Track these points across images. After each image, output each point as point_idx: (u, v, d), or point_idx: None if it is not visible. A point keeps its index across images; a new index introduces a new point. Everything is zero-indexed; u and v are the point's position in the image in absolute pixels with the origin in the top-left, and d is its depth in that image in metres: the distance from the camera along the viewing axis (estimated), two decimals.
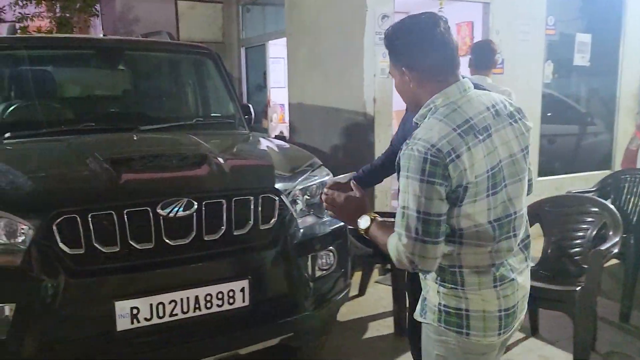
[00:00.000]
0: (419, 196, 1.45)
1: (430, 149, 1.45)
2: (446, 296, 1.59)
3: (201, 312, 2.23)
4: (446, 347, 1.62)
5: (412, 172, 1.47)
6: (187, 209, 2.22)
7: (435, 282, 1.60)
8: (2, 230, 2.07)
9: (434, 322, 1.61)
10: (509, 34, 5.16)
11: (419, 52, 1.56)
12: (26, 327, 2.02)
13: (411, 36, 1.56)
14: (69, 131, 3.02)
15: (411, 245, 1.46)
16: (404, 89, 1.64)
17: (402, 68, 1.59)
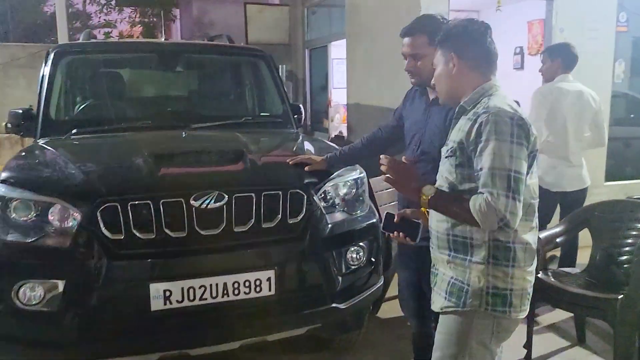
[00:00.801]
0: (510, 156, 1.64)
1: (514, 115, 1.69)
2: (495, 277, 1.73)
3: (229, 298, 2.37)
4: (485, 329, 1.75)
5: (501, 134, 1.65)
6: (218, 202, 2.38)
7: (485, 262, 1.73)
8: (55, 215, 2.32)
9: (480, 307, 1.74)
10: (574, 32, 4.95)
11: (473, 46, 1.82)
12: (73, 302, 2.25)
13: (468, 32, 1.82)
14: (128, 128, 3.30)
15: (504, 203, 1.61)
16: (445, 76, 1.87)
17: (452, 54, 1.82)
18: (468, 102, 1.82)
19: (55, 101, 3.45)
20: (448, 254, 1.83)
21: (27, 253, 2.29)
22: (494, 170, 1.63)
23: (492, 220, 1.63)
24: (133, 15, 10.25)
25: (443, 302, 1.83)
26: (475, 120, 1.72)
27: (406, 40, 2.32)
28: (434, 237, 1.90)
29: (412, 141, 2.44)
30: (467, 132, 1.74)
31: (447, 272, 1.84)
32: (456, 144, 1.78)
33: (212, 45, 4.13)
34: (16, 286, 2.23)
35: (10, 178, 2.45)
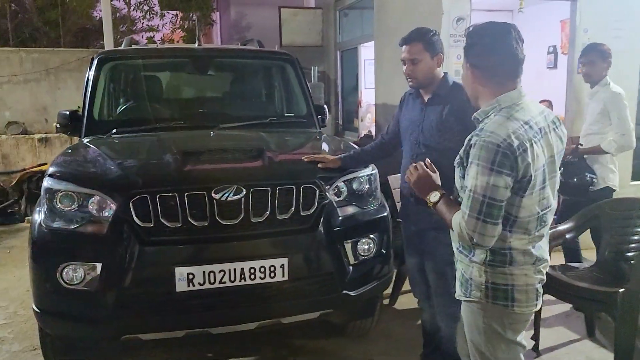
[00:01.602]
0: (487, 183, 1.70)
1: (502, 143, 1.69)
2: (493, 274, 1.85)
3: (246, 282, 2.60)
4: (494, 320, 1.89)
5: (483, 161, 1.71)
6: (237, 194, 2.62)
7: (482, 264, 1.86)
8: (94, 205, 2.62)
9: (481, 299, 1.87)
10: (599, 32, 4.97)
11: (486, 56, 1.83)
12: (109, 282, 2.53)
13: (483, 40, 1.83)
14: (163, 128, 3.60)
15: (473, 224, 1.74)
16: (467, 83, 1.93)
17: (467, 65, 1.88)
18: (481, 114, 1.87)
19: (98, 103, 3.79)
20: (457, 249, 2.01)
21: (70, 238, 2.60)
22: (471, 193, 1.74)
23: (465, 237, 1.77)
24: (174, 20, 10.72)
25: (458, 291, 2.01)
26: (470, 139, 1.80)
27: (405, 47, 2.65)
28: (452, 232, 2.02)
29: (410, 137, 2.74)
30: (463, 149, 1.84)
31: (459, 264, 2.02)
32: (459, 158, 1.89)
33: (241, 49, 4.40)
34: (60, 267, 2.54)
35: (56, 172, 2.77)
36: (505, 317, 1.88)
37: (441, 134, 2.60)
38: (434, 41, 2.62)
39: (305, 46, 8.21)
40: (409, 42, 2.63)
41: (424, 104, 2.70)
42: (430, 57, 2.62)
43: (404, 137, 2.81)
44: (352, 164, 2.97)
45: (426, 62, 2.61)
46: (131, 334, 2.60)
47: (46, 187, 2.70)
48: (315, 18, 8.29)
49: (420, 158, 2.50)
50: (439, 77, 2.68)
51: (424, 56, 2.60)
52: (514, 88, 1.83)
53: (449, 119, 2.60)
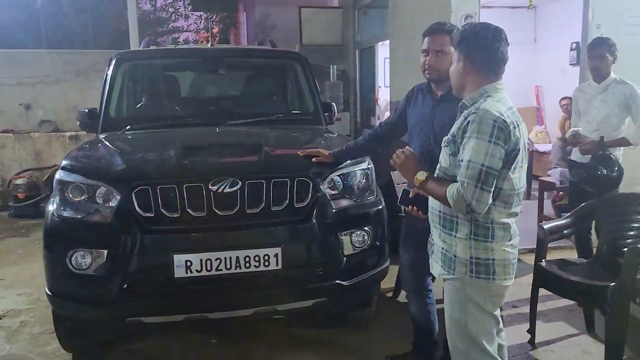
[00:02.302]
0: (486, 153, 1.90)
1: (498, 119, 1.92)
2: (477, 250, 2.03)
3: (241, 270, 2.74)
4: (477, 293, 2.06)
5: (482, 134, 1.92)
6: (233, 187, 2.77)
7: (467, 238, 2.03)
8: (101, 196, 2.81)
9: (466, 274, 2.04)
10: (612, 28, 4.91)
11: (481, 51, 2.05)
12: (114, 268, 2.71)
13: (479, 38, 2.05)
14: (173, 125, 3.79)
15: (472, 191, 1.91)
16: (454, 73, 2.14)
17: (462, 56, 2.07)
18: (469, 100, 2.08)
19: (114, 101, 4.01)
20: (439, 228, 2.15)
21: (78, 226, 2.79)
22: (470, 163, 1.92)
23: (461, 205, 1.94)
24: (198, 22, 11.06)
25: (440, 270, 2.16)
26: (466, 117, 2.00)
27: (431, 38, 2.64)
28: (431, 212, 2.23)
29: (420, 134, 2.76)
30: (459, 127, 2.04)
31: (439, 243, 2.17)
32: (451, 136, 2.08)
33: (251, 49, 4.58)
34: (70, 253, 2.73)
35: (68, 165, 2.97)
36: (486, 290, 2.06)
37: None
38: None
39: (325, 45, 8.33)
40: (435, 32, 2.62)
41: (436, 101, 2.70)
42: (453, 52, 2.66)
43: (413, 132, 2.81)
44: (345, 157, 3.07)
45: (451, 56, 2.50)
46: (134, 316, 2.79)
47: (58, 179, 2.91)
48: (335, 17, 8.40)
49: (431, 155, 2.61)
50: None
51: (450, 49, 2.53)
52: (497, 80, 2.08)
53: None
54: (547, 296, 3.59)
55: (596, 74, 3.95)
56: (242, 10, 13.87)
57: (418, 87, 2.88)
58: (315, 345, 3.40)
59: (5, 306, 4.10)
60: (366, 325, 3.56)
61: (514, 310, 3.76)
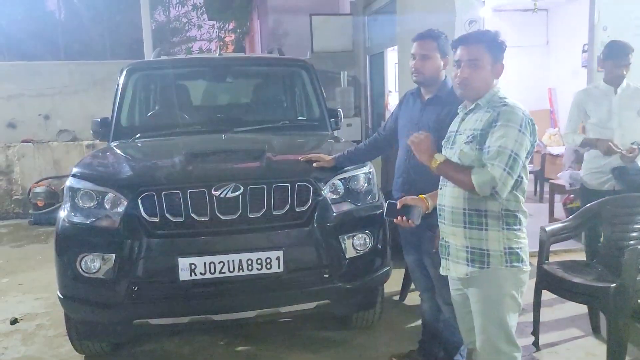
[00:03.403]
0: (515, 140, 2.03)
1: (524, 112, 2.09)
2: (509, 239, 2.12)
3: (243, 273, 2.81)
4: (511, 283, 2.14)
5: (513, 123, 2.05)
6: (235, 192, 2.85)
7: (501, 229, 2.12)
8: (109, 202, 2.91)
9: (501, 265, 2.13)
10: (618, 30, 4.90)
11: (501, 55, 2.22)
12: (121, 271, 2.80)
13: (501, 42, 2.21)
14: (181, 132, 3.89)
15: (499, 173, 2.01)
16: (485, 77, 2.20)
17: (501, 64, 2.21)
18: (483, 101, 2.20)
19: (125, 110, 4.13)
20: (463, 227, 2.19)
21: (88, 231, 2.89)
22: (500, 148, 2.02)
23: (486, 187, 2.03)
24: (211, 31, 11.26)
25: (467, 269, 2.20)
26: (497, 111, 2.10)
27: (418, 43, 2.77)
28: (447, 212, 2.26)
29: (407, 134, 2.79)
30: (487, 120, 2.11)
31: (459, 242, 2.21)
32: (477, 131, 2.14)
33: (257, 57, 4.68)
34: (79, 257, 2.84)
35: (78, 173, 3.09)
36: (518, 280, 2.15)
37: (436, 133, 2.72)
38: (445, 43, 2.76)
39: (335, 51, 8.42)
40: (422, 38, 2.75)
41: (424, 104, 2.82)
42: (439, 57, 2.75)
43: (401, 134, 2.92)
44: (346, 162, 3.13)
45: (436, 60, 2.73)
46: (141, 318, 2.87)
47: (68, 186, 3.02)
48: (345, 24, 8.48)
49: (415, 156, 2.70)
50: (442, 78, 2.81)
51: (435, 54, 2.72)
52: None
53: (445, 121, 2.72)
54: (553, 298, 3.59)
55: (618, 81, 3.77)
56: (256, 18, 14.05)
57: (410, 91, 2.99)
58: (321, 346, 3.45)
59: (23, 310, 4.24)
60: (372, 327, 3.61)
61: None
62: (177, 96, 4.34)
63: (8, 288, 4.80)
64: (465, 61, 2.19)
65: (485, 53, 2.18)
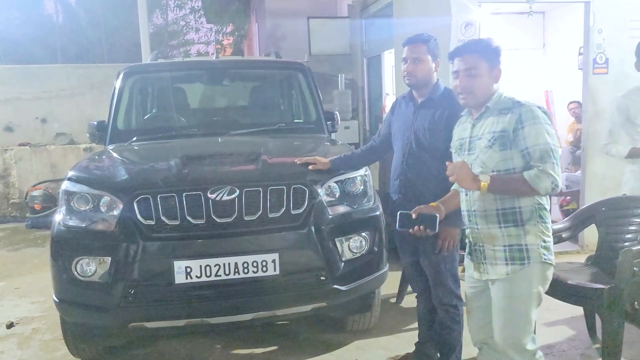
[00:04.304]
0: (547, 134, 2.09)
1: (540, 106, 2.16)
2: (543, 234, 2.18)
3: (239, 276, 2.82)
4: (540, 277, 2.19)
5: (538, 119, 2.10)
6: (231, 195, 2.85)
7: (536, 223, 2.16)
8: (105, 205, 2.91)
9: (540, 259, 2.16)
10: (614, 32, 4.94)
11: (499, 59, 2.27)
12: (117, 275, 2.80)
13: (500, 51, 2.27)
14: (178, 136, 3.90)
15: (552, 166, 2.07)
16: (485, 83, 2.24)
17: (499, 69, 2.25)
18: (492, 103, 2.24)
19: (122, 114, 4.14)
20: (499, 227, 2.21)
21: (83, 235, 2.89)
22: (541, 146, 2.07)
23: (547, 184, 2.07)
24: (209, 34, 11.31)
25: (506, 269, 2.21)
26: (511, 112, 2.15)
27: (409, 47, 2.81)
28: (479, 216, 2.27)
29: (402, 137, 2.90)
30: (508, 122, 2.15)
31: (496, 243, 2.23)
32: (497, 134, 2.17)
33: (254, 60, 4.69)
34: (75, 261, 2.84)
35: (74, 176, 3.09)
36: (545, 275, 2.21)
37: (432, 135, 2.76)
38: (435, 47, 2.80)
39: (333, 54, 8.42)
40: (413, 42, 2.79)
41: (417, 106, 2.85)
42: (430, 60, 2.78)
43: (396, 137, 2.96)
44: (342, 166, 3.14)
45: (427, 63, 2.77)
46: (137, 322, 2.87)
47: (64, 189, 3.02)
48: (342, 27, 8.48)
49: (412, 157, 2.81)
50: (434, 81, 2.83)
51: (426, 57, 2.77)
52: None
53: (439, 122, 2.75)
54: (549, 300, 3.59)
55: None
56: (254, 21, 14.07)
57: (401, 96, 3.02)
58: (317, 349, 3.45)
59: (19, 314, 4.23)
60: (369, 330, 3.61)
61: None
62: (174, 99, 4.35)
63: (4, 292, 4.79)
64: (462, 71, 2.24)
65: (481, 61, 2.22)
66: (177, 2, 14.54)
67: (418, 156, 2.80)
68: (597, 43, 4.93)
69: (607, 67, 4.96)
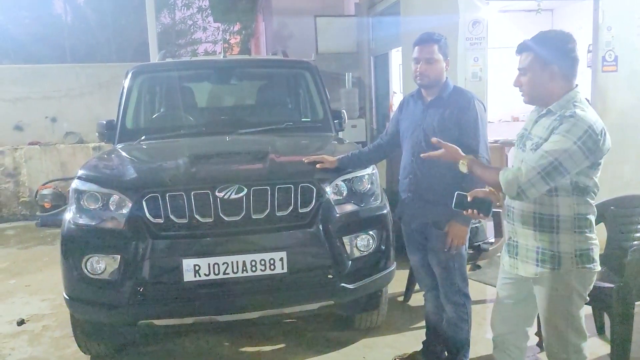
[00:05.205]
0: (564, 151, 1.99)
1: (590, 127, 2.01)
2: (580, 241, 2.14)
3: (247, 274, 2.83)
4: (580, 283, 2.18)
5: (571, 135, 2.00)
6: (239, 193, 2.86)
7: (572, 232, 2.14)
8: (114, 203, 2.94)
9: (572, 266, 2.15)
10: (623, 30, 4.91)
11: (570, 59, 2.12)
12: (126, 272, 2.82)
13: (566, 45, 2.11)
14: (186, 134, 3.92)
15: (532, 175, 2.02)
16: (541, 82, 2.16)
17: (554, 66, 2.12)
18: (556, 107, 2.13)
19: (131, 113, 4.16)
20: (533, 230, 2.21)
21: (93, 233, 2.92)
22: (545, 153, 2.02)
23: (513, 185, 2.04)
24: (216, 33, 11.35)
25: (536, 269, 2.22)
26: (561, 121, 2.06)
27: (420, 47, 2.80)
28: (517, 215, 2.28)
29: (411, 136, 2.90)
30: (550, 129, 2.09)
31: (530, 243, 2.23)
32: (542, 140, 2.13)
33: (261, 59, 4.70)
34: (85, 259, 2.86)
35: (83, 175, 3.11)
36: (587, 279, 2.20)
37: (441, 133, 2.76)
38: (445, 46, 2.80)
39: (340, 53, 8.42)
40: (425, 42, 2.78)
41: (426, 105, 2.85)
42: (442, 60, 2.78)
43: (404, 136, 2.95)
44: (349, 164, 3.15)
45: (440, 63, 2.77)
46: (146, 319, 2.89)
47: (74, 188, 3.05)
48: (349, 25, 8.47)
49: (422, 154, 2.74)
50: (443, 80, 2.83)
51: (439, 57, 2.76)
52: (577, 85, 2.16)
53: (448, 121, 2.75)
54: None
55: None
56: (261, 20, 14.09)
57: (409, 94, 3.02)
58: (325, 346, 3.46)
59: (30, 311, 4.28)
60: (376, 328, 3.61)
61: None
62: (182, 98, 4.37)
63: (15, 289, 4.84)
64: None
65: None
66: (185, 1, 14.68)
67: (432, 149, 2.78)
68: (606, 40, 4.90)
69: (617, 64, 4.93)
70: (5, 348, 3.64)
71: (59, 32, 14.35)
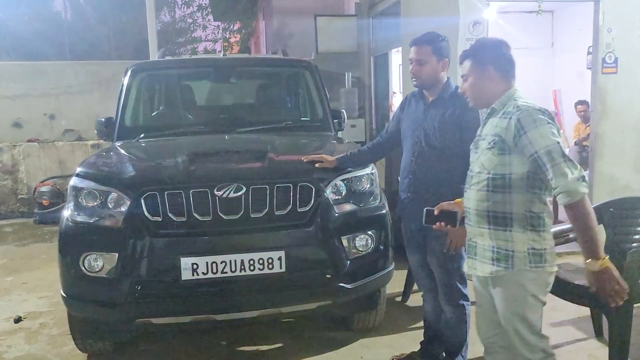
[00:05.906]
0: (552, 134, 2.04)
1: (541, 108, 2.10)
2: (533, 241, 2.13)
3: (245, 273, 2.82)
4: (534, 284, 2.16)
5: (539, 121, 2.05)
6: (237, 192, 2.86)
7: (524, 231, 2.13)
8: (113, 201, 2.93)
9: (525, 265, 2.14)
10: (623, 31, 4.91)
11: (504, 60, 2.23)
12: (124, 270, 2.81)
13: (499, 49, 2.24)
14: (185, 133, 3.91)
15: (564, 168, 2.00)
16: (481, 84, 2.25)
17: (490, 67, 2.21)
18: (498, 104, 2.22)
19: (129, 110, 4.15)
20: (487, 228, 2.22)
21: (91, 231, 2.91)
22: (547, 148, 2.02)
23: (574, 187, 1.97)
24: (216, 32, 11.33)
25: (491, 268, 2.22)
26: (510, 117, 2.11)
27: (414, 48, 2.80)
28: (473, 214, 2.28)
29: (412, 136, 2.90)
30: (505, 127, 2.13)
31: (486, 242, 2.23)
32: (497, 137, 2.17)
33: (261, 58, 4.70)
34: (83, 256, 2.85)
35: (82, 172, 3.10)
36: (541, 280, 2.17)
37: (442, 134, 2.76)
38: (442, 46, 2.78)
39: (340, 52, 8.41)
40: (418, 43, 2.79)
41: (427, 105, 2.85)
42: (436, 61, 2.76)
43: (405, 135, 2.95)
44: (348, 164, 3.14)
45: (432, 64, 2.75)
46: (143, 317, 2.88)
47: (72, 185, 3.04)
48: (350, 25, 8.46)
49: (421, 156, 2.81)
50: (443, 80, 2.82)
51: (431, 59, 2.75)
52: (514, 84, 2.25)
53: (449, 121, 2.75)
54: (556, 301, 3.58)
55: None
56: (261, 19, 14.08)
57: (411, 94, 3.01)
58: (323, 346, 3.46)
59: (27, 308, 4.27)
60: (374, 328, 3.61)
61: None
62: (181, 96, 4.36)
63: (12, 287, 4.83)
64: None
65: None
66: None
67: (428, 155, 2.80)
68: (606, 42, 4.89)
69: (617, 66, 4.93)
70: (2, 345, 3.63)
71: (59, 29, 14.34)
